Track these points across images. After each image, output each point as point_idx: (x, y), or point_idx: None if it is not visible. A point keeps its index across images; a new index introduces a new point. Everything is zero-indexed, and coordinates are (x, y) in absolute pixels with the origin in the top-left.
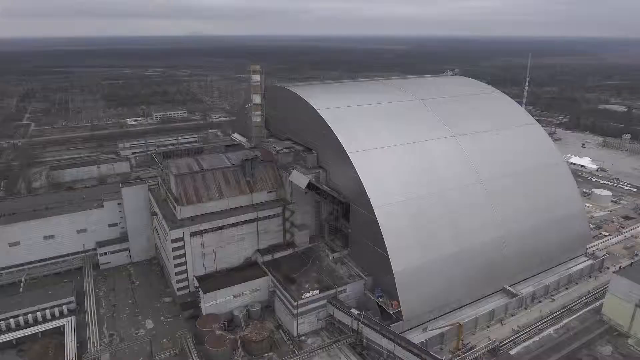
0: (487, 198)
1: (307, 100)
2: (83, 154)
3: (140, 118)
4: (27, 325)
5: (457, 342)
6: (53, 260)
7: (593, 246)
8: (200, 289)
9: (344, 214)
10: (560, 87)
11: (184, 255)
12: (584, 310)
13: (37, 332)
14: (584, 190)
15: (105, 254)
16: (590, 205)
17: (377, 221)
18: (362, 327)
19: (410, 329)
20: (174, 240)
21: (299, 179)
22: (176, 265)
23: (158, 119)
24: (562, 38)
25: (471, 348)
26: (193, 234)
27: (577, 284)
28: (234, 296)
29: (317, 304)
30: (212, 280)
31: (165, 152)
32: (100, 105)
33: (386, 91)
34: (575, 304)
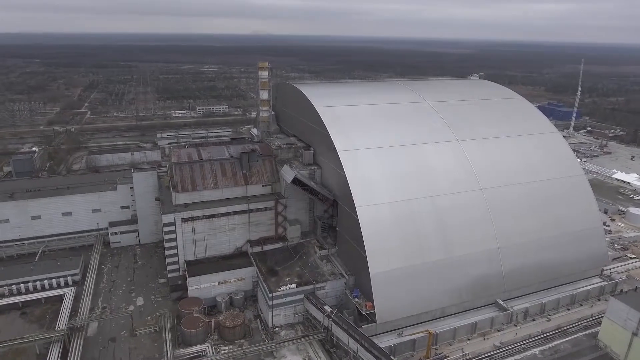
0: (486, 207)
1: (308, 98)
2: (125, 141)
3: (184, 111)
4: (35, 291)
5: (427, 350)
6: (69, 236)
7: (612, 268)
8: (186, 272)
9: (337, 212)
10: (628, 97)
11: (175, 239)
12: (581, 333)
13: (41, 298)
14: (620, 208)
15: (116, 233)
16: (623, 225)
17: (358, 220)
18: (331, 325)
19: (386, 332)
20: (165, 225)
21: (286, 173)
22: (167, 249)
23: (200, 112)
24: None
25: (443, 357)
26: (185, 220)
27: (581, 305)
28: (218, 283)
29: (293, 298)
30: (200, 266)
31: (196, 143)
32: (152, 97)
33: (396, 92)
34: (573, 326)
